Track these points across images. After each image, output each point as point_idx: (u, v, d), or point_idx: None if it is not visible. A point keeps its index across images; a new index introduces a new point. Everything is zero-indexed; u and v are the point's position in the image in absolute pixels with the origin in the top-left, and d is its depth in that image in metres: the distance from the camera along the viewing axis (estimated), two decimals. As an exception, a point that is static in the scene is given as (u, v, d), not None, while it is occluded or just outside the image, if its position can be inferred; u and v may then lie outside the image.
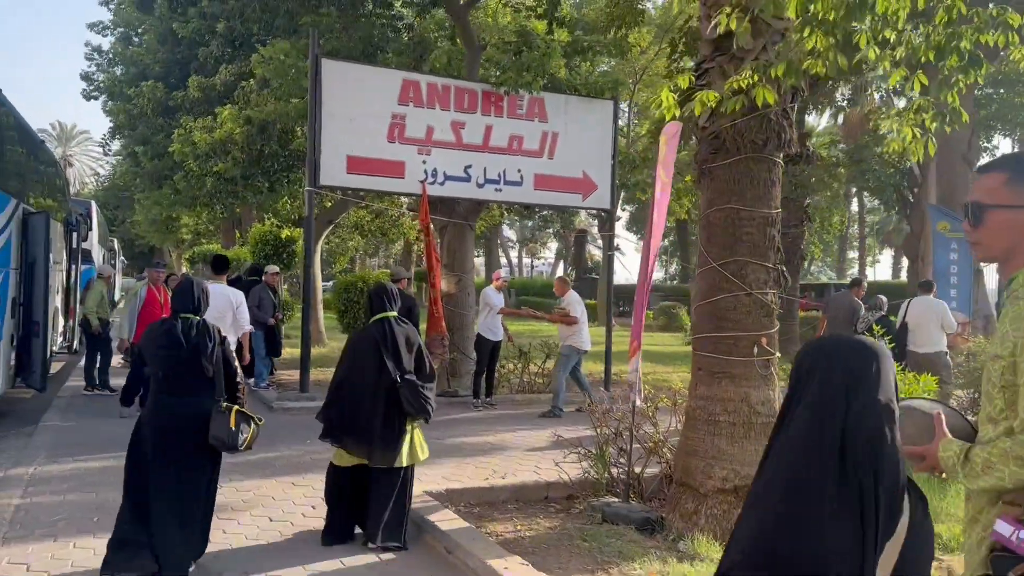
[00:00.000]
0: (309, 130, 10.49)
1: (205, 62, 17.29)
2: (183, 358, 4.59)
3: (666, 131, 6.95)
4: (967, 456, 1.97)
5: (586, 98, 12.23)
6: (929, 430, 2.06)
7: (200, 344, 4.62)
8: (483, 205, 13.79)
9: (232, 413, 4.58)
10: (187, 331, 4.64)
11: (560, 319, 10.79)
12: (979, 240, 2.15)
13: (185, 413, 4.55)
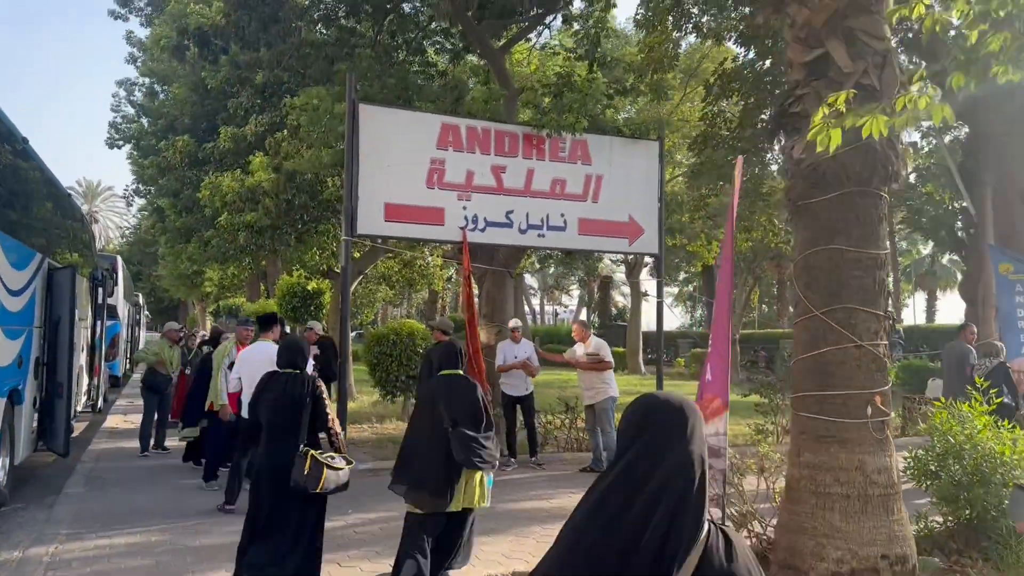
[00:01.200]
0: (346, 177, 10.00)
1: (235, 113, 17.04)
2: (283, 408, 5.23)
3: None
4: None
5: (630, 139, 11.70)
6: None
7: (298, 397, 5.24)
8: (523, 252, 13.22)
9: (308, 458, 5.01)
10: (289, 385, 5.28)
11: (592, 366, 10.15)
12: None
13: (282, 458, 5.09)
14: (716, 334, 5.85)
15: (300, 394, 5.22)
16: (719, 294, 5.89)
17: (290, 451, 5.09)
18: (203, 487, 8.71)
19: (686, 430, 1.76)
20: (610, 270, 55.96)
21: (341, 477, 5.12)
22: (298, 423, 5.19)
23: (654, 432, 1.76)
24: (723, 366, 5.72)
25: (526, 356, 10.58)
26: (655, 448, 1.74)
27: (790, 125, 5.30)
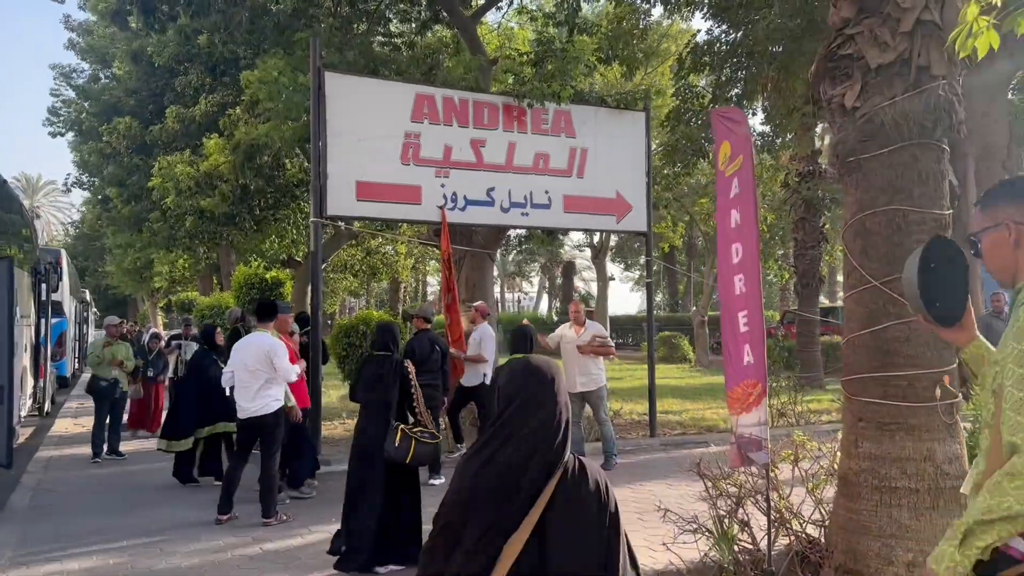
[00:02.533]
0: (313, 153, 9.18)
1: (183, 92, 15.96)
2: (376, 387, 5.81)
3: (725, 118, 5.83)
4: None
5: (616, 110, 11.04)
6: None
7: (388, 377, 5.80)
8: (504, 232, 12.49)
9: (399, 432, 5.60)
10: (381, 366, 5.85)
11: (598, 350, 9.34)
12: (988, 269, 2.22)
13: (376, 433, 5.66)
14: (753, 311, 5.21)
15: (391, 374, 5.79)
16: (747, 267, 5.26)
17: (383, 426, 5.63)
18: (290, 496, 7.73)
19: (554, 387, 2.13)
20: (571, 255, 55.54)
21: (429, 450, 5.73)
22: (389, 401, 5.73)
23: (531, 390, 2.11)
24: (762, 347, 5.11)
25: (477, 342, 9.55)
26: (531, 403, 2.10)
27: (839, 70, 4.66)
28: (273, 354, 6.81)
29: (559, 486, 2.06)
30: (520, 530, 2.03)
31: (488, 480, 2.08)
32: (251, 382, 6.75)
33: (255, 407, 6.76)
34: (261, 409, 6.77)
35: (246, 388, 6.76)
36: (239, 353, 6.83)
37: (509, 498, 2.05)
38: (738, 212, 5.42)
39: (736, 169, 5.49)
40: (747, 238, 5.30)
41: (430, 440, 5.73)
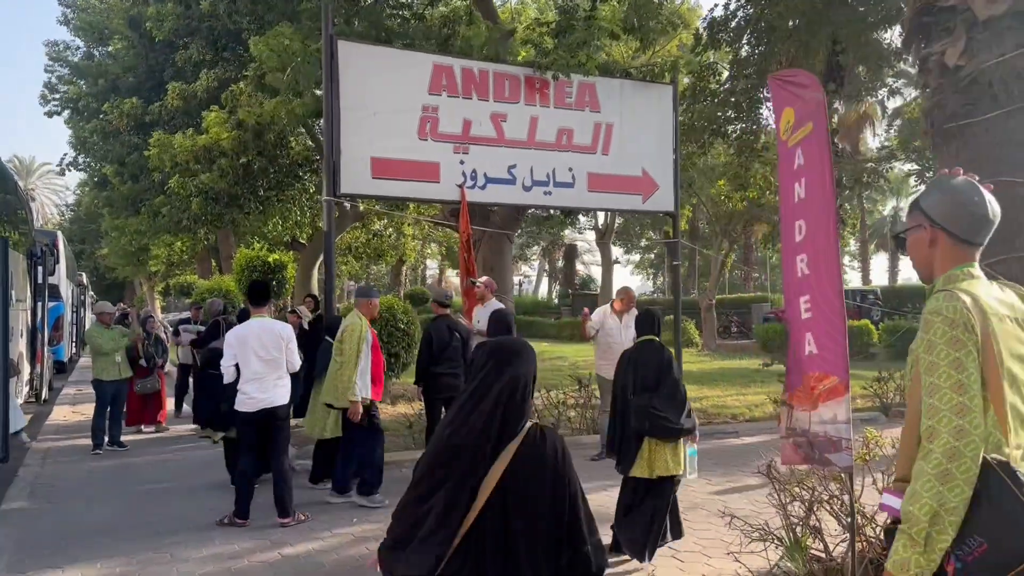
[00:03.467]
0: (325, 128, 8.63)
1: (183, 67, 15.33)
2: None
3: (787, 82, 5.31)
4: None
5: (642, 82, 10.49)
6: None
7: None
8: (523, 212, 11.94)
9: None
10: None
11: None
12: (913, 265, 2.43)
13: None
14: (820, 294, 4.71)
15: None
16: (813, 247, 4.75)
17: None
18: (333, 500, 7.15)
19: (520, 358, 2.52)
20: (571, 238, 54.91)
21: None
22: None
23: (499, 358, 2.51)
24: (837, 335, 4.60)
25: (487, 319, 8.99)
26: (499, 368, 2.47)
27: (938, 24, 4.14)
28: (289, 340, 6.31)
29: (520, 448, 2.31)
30: (483, 486, 2.28)
31: (459, 439, 2.35)
32: (266, 372, 6.25)
33: (269, 397, 6.26)
34: (275, 399, 6.28)
35: (260, 378, 6.25)
36: (249, 340, 6.29)
37: (475, 457, 2.30)
38: (802, 185, 4.90)
39: (802, 137, 4.97)
40: (814, 214, 4.79)
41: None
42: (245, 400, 6.27)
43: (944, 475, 2.01)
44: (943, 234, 2.29)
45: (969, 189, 2.28)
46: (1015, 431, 2.12)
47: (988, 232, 2.28)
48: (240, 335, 6.35)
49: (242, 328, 6.44)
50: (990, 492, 2.02)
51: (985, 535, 2.00)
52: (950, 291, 2.19)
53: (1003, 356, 2.11)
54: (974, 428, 2.03)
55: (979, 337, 2.09)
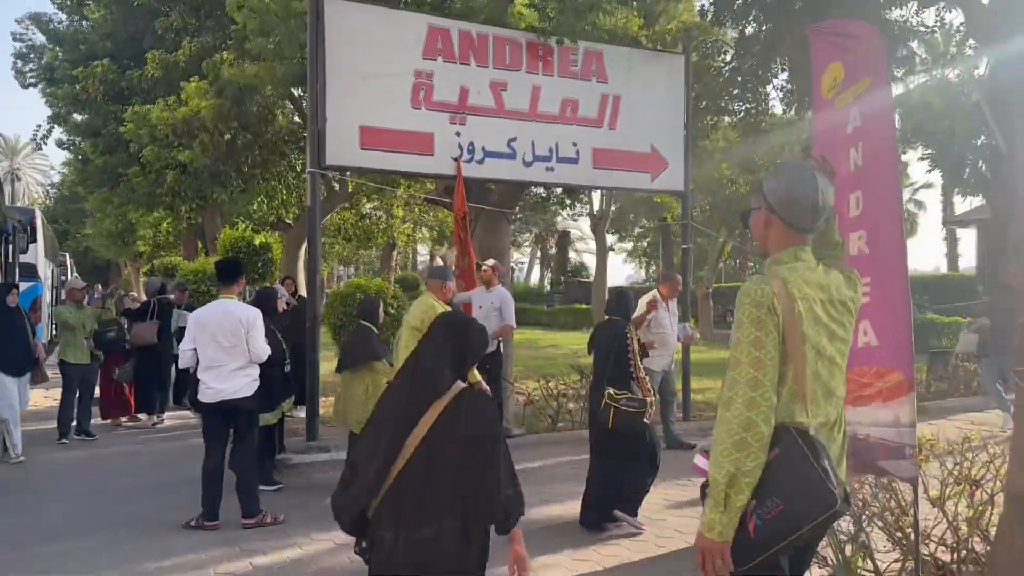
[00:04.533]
0: (310, 94, 7.93)
1: (164, 35, 14.54)
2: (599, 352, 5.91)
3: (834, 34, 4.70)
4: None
5: (652, 51, 9.80)
6: None
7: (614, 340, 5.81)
8: (523, 189, 11.24)
9: (603, 396, 5.58)
10: (610, 329, 5.89)
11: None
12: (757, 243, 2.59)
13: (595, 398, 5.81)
14: (882, 276, 4.07)
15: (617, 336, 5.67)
16: (872, 221, 4.11)
17: (601, 391, 5.53)
18: None
19: (450, 328, 2.82)
20: (563, 225, 54.15)
21: (629, 419, 5.42)
22: (606, 365, 5.61)
23: (433, 332, 2.83)
24: (902, 324, 3.96)
25: (496, 308, 8.25)
26: (432, 341, 2.79)
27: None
28: (252, 326, 5.62)
29: (444, 409, 2.55)
30: (408, 442, 2.53)
31: (392, 403, 2.68)
32: (226, 360, 5.57)
33: (229, 388, 5.59)
34: (237, 391, 5.61)
35: (217, 367, 5.57)
36: (208, 325, 5.60)
37: (405, 417, 2.58)
38: (859, 151, 4.25)
39: (857, 95, 4.31)
40: (875, 184, 4.14)
41: (632, 408, 5.44)
42: (204, 390, 5.62)
43: (740, 443, 2.19)
44: (776, 218, 2.43)
45: (804, 179, 2.40)
46: (819, 402, 2.33)
47: (817, 220, 2.40)
48: (200, 319, 5.67)
49: (203, 311, 5.75)
50: (787, 457, 2.19)
51: (782, 496, 2.16)
52: (763, 275, 2.40)
53: (809, 335, 2.29)
54: (765, 401, 2.21)
55: (781, 319, 2.25)
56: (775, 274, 2.36)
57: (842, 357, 2.42)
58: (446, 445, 2.50)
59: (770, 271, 2.40)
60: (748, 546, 2.20)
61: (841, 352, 2.41)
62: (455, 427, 2.53)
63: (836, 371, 2.40)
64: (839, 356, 2.40)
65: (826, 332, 2.35)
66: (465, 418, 2.55)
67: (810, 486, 2.15)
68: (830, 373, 2.37)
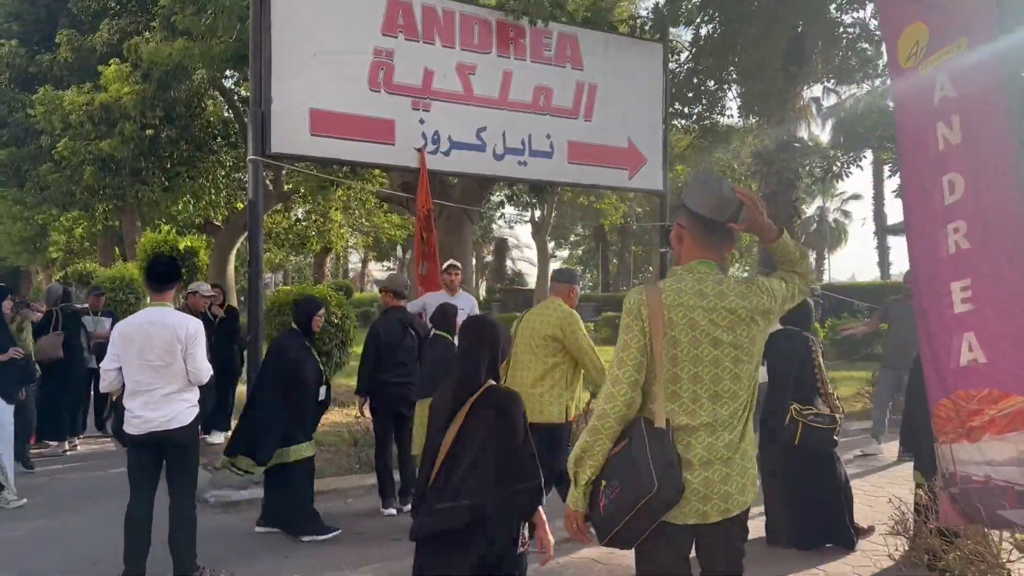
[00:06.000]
0: (253, 71, 6.86)
1: (79, 16, 13.15)
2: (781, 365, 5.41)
3: None
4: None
5: (629, 38, 9.05)
6: None
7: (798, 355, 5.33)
8: (490, 185, 10.32)
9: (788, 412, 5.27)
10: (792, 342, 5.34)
11: None
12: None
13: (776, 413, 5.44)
14: (990, 278, 3.31)
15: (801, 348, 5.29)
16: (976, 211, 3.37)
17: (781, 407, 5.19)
18: None
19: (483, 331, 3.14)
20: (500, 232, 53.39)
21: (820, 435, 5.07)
22: (787, 379, 5.25)
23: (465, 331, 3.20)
24: (1021, 340, 3.21)
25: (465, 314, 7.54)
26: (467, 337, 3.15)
27: None
28: (191, 339, 4.54)
29: (472, 404, 2.95)
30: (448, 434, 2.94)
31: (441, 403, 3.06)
32: (156, 383, 4.48)
33: (160, 417, 4.51)
34: (170, 420, 4.53)
35: (145, 391, 4.49)
36: (135, 339, 4.51)
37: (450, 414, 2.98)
38: (952, 126, 3.50)
39: (946, 59, 3.57)
40: (979, 163, 3.40)
41: (822, 424, 5.08)
42: (130, 419, 4.50)
43: (592, 429, 2.53)
44: (686, 233, 2.65)
45: (709, 180, 2.67)
46: (702, 403, 2.51)
47: (719, 213, 2.58)
48: (125, 332, 4.54)
49: (129, 322, 4.62)
50: (631, 445, 2.48)
51: (620, 479, 2.45)
52: (639, 285, 2.98)
53: (680, 339, 2.50)
54: (620, 395, 2.51)
55: (645, 323, 2.51)
56: (657, 284, 2.60)
57: (734, 362, 2.51)
58: (470, 438, 2.90)
59: (658, 282, 2.66)
60: (602, 522, 2.49)
61: (733, 357, 2.51)
62: (477, 421, 2.91)
63: (724, 374, 2.50)
64: (729, 361, 2.50)
65: (708, 339, 2.48)
66: (489, 412, 2.92)
67: (638, 472, 2.39)
68: (715, 377, 2.50)
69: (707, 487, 2.46)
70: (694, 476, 2.45)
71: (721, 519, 2.48)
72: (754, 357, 2.56)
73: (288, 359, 5.52)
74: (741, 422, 2.54)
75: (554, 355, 5.03)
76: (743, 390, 2.53)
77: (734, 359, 2.50)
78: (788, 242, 2.65)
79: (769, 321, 2.59)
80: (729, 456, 2.50)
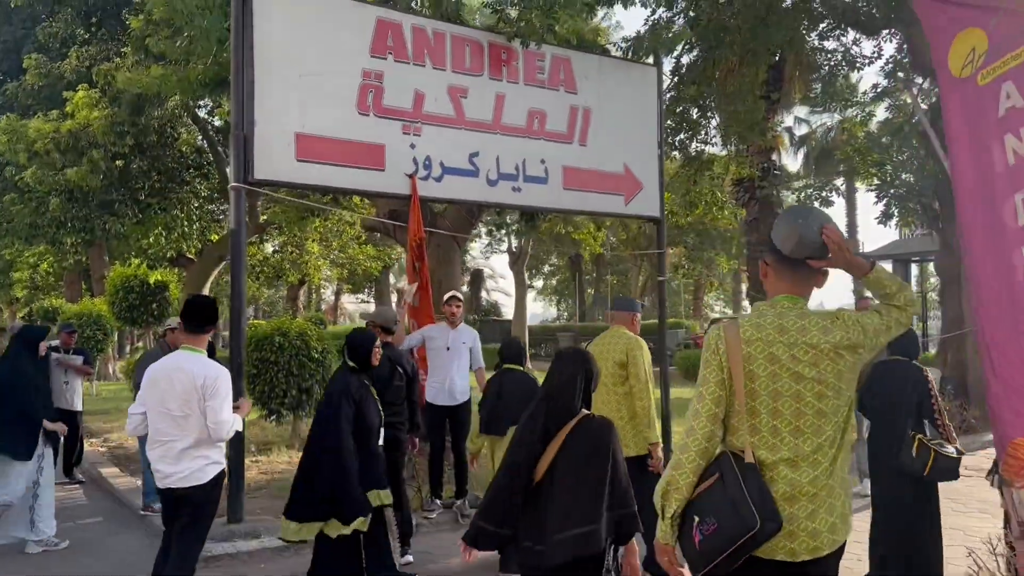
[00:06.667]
0: (234, 93, 6.46)
1: (46, 43, 12.69)
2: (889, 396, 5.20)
3: None
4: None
5: (622, 61, 8.77)
6: None
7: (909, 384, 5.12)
8: (480, 213, 9.94)
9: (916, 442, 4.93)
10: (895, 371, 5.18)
11: None
12: None
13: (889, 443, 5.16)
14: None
15: (918, 380, 5.07)
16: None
17: (895, 438, 4.98)
18: None
19: (582, 362, 3.20)
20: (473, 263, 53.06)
21: (950, 464, 4.78)
22: (903, 409, 5.00)
23: (562, 365, 3.23)
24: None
25: (468, 348, 7.16)
26: (565, 367, 3.20)
27: None
28: (212, 390, 4.12)
29: (568, 434, 3.02)
30: (541, 463, 3.01)
31: (528, 432, 3.10)
32: (175, 434, 4.10)
33: (177, 472, 4.13)
34: (186, 477, 4.13)
35: (163, 442, 4.13)
36: (157, 383, 4.17)
37: (540, 444, 3.05)
38: (1021, 139, 3.21)
39: (1010, 67, 3.29)
40: None
41: (955, 455, 4.87)
42: (152, 468, 4.23)
43: (676, 463, 2.55)
44: (770, 269, 2.66)
45: (790, 212, 2.65)
46: (783, 437, 2.49)
47: (799, 249, 2.55)
48: (151, 374, 4.25)
49: (158, 364, 4.27)
50: (723, 481, 2.46)
51: (716, 516, 2.43)
52: (719, 321, 2.77)
53: (759, 374, 2.50)
54: (699, 428, 2.53)
55: (722, 358, 2.54)
56: (737, 320, 2.61)
57: (817, 397, 2.48)
58: (569, 465, 2.94)
59: (741, 317, 2.64)
60: (696, 556, 2.47)
61: (815, 392, 2.48)
62: (576, 449, 2.97)
63: (807, 409, 2.48)
64: (811, 395, 2.47)
65: (788, 373, 2.47)
66: (584, 442, 2.98)
67: (736, 509, 2.38)
68: (797, 412, 2.48)
69: (792, 523, 2.43)
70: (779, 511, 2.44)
71: (811, 558, 2.43)
72: (842, 392, 2.50)
73: (356, 401, 4.96)
74: (828, 458, 2.48)
75: (623, 383, 5.11)
76: (828, 425, 2.48)
77: (817, 394, 2.47)
78: (882, 276, 2.60)
79: (859, 356, 2.50)
80: (814, 492, 2.46)
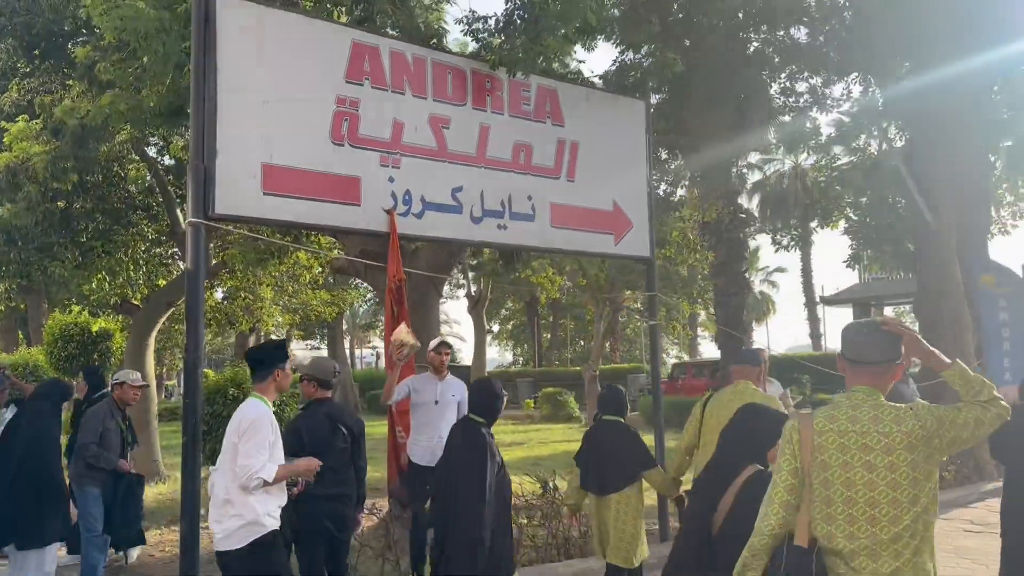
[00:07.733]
0: (194, 120, 5.76)
1: (-18, 74, 11.85)
2: None
3: None
4: None
5: (610, 94, 8.35)
6: None
7: None
8: (460, 253, 9.31)
9: None
10: None
11: None
12: None
13: None
14: None
15: None
16: None
17: None
18: None
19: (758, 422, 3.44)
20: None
21: None
22: None
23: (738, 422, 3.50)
24: None
25: (456, 401, 6.51)
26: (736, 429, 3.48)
27: None
28: (245, 433, 3.57)
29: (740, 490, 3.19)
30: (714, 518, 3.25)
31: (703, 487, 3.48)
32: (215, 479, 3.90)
33: (218, 532, 3.73)
34: (223, 537, 3.67)
35: (213, 487, 3.75)
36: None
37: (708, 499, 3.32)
38: None
39: None
40: None
41: None
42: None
43: (750, 546, 2.73)
44: (844, 363, 2.79)
45: (856, 324, 2.82)
46: (859, 525, 2.55)
47: (863, 354, 2.73)
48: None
49: None
50: (772, 562, 2.68)
51: None
52: (796, 412, 3.08)
53: (830, 463, 2.61)
54: (772, 514, 2.69)
55: (796, 447, 2.69)
56: (811, 412, 2.75)
57: (891, 486, 2.53)
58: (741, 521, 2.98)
59: (818, 409, 2.77)
60: None
61: (889, 481, 2.53)
62: (748, 505, 2.97)
63: (881, 498, 2.53)
64: (885, 484, 2.54)
65: (860, 462, 2.57)
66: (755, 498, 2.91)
67: None
68: (871, 500, 2.54)
69: None
70: None
71: None
72: (919, 482, 2.54)
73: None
74: (908, 549, 2.51)
75: None
76: (905, 514, 2.52)
77: (890, 483, 2.54)
78: (966, 374, 2.61)
79: (933, 447, 2.54)
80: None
